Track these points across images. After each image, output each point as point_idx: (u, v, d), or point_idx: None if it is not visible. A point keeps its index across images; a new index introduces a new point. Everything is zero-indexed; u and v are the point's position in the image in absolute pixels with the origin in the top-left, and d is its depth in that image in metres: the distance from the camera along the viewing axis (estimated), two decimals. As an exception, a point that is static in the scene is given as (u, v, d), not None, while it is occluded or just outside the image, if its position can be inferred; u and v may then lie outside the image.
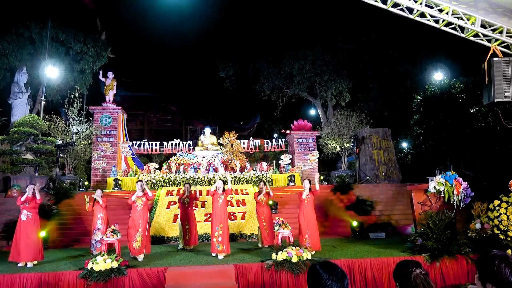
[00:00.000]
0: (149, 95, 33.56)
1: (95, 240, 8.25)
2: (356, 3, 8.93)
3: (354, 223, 10.55)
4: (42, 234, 8.08)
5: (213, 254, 7.47)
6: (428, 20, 8.77)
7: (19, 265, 6.99)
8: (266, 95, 22.63)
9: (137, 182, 7.95)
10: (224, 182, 8.06)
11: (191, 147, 17.33)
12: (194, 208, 9.32)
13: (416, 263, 2.16)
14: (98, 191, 8.52)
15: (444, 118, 16.53)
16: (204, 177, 13.95)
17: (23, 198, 7.29)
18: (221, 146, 15.77)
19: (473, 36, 8.82)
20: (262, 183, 9.26)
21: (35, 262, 7.13)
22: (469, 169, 15.47)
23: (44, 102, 17.16)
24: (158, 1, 21.27)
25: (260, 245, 8.82)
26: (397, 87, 21.78)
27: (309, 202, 7.94)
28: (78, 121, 15.16)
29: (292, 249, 6.47)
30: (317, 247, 7.70)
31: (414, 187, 8.79)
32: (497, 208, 7.15)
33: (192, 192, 9.22)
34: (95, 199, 8.44)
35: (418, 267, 2.11)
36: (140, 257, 7.41)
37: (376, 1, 8.58)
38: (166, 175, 14.04)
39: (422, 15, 8.70)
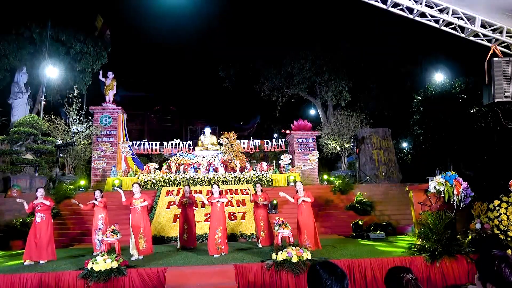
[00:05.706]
0: (149, 95, 33.53)
1: (98, 240, 8.22)
2: (356, 3, 8.94)
3: (354, 223, 10.54)
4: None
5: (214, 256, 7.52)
6: (429, 20, 8.77)
7: (25, 263, 7.12)
8: (266, 95, 22.62)
9: (133, 184, 8.16)
10: (218, 186, 8.25)
11: (191, 147, 17.32)
12: (194, 208, 9.33)
13: (407, 269, 2.21)
14: (97, 192, 8.55)
15: (444, 118, 16.51)
16: (204, 177, 13.94)
17: (27, 207, 7.65)
18: (221, 146, 15.76)
19: (473, 36, 8.83)
20: (258, 185, 9.33)
21: (45, 260, 7.33)
22: (469, 169, 15.46)
23: (44, 102, 17.16)
24: (158, 2, 21.28)
25: (259, 245, 8.82)
26: (397, 87, 21.78)
27: (306, 203, 8.08)
28: (78, 121, 15.15)
29: (292, 249, 6.46)
30: (317, 246, 7.85)
31: (414, 187, 8.79)
32: (497, 208, 7.14)
33: (192, 193, 9.28)
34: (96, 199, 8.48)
35: (408, 272, 2.16)
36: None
37: (377, 1, 8.58)
38: (166, 175, 14.04)
39: (422, 15, 8.71)
